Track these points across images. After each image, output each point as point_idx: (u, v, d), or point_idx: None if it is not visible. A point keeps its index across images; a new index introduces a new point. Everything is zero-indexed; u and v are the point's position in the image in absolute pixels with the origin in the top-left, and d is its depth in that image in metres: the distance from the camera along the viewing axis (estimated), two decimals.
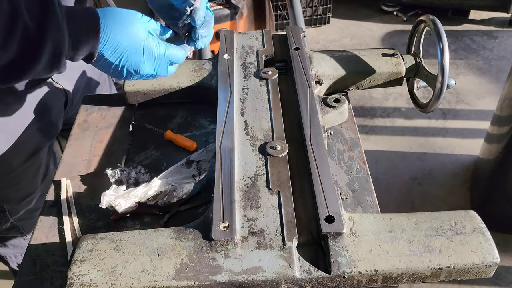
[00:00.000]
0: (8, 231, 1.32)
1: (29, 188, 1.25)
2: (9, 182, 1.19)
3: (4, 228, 1.29)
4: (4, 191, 1.21)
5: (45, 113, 1.18)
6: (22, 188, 1.24)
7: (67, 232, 0.91)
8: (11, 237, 1.40)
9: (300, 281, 0.72)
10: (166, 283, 0.70)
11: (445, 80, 0.98)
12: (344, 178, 0.97)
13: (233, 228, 0.75)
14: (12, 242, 1.43)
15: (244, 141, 0.93)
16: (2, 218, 1.26)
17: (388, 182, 2.47)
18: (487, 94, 2.97)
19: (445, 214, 0.77)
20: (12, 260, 1.50)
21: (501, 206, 2.13)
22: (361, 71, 1.11)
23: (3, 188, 1.20)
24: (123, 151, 1.07)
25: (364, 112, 2.90)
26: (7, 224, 1.28)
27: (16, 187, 1.22)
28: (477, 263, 0.71)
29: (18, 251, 1.45)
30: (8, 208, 1.25)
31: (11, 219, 1.27)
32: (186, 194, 0.93)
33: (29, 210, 1.28)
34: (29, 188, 1.25)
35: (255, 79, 1.07)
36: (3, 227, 1.29)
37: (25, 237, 1.39)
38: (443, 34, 0.98)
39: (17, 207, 1.26)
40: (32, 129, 1.15)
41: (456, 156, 2.59)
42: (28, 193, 1.26)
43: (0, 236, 1.39)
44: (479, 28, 3.58)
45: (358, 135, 1.06)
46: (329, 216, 0.75)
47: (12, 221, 1.28)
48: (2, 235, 1.38)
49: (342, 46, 3.44)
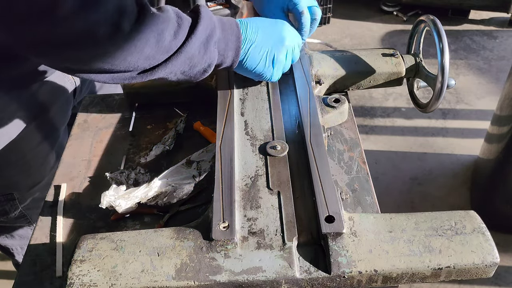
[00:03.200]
0: (16, 220, 1.32)
1: (38, 175, 1.26)
2: (20, 168, 1.20)
3: (13, 216, 1.29)
4: (16, 178, 1.21)
5: (56, 100, 1.20)
6: (31, 175, 1.24)
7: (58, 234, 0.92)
8: (18, 227, 1.41)
9: (300, 281, 0.72)
10: (166, 283, 0.70)
11: (445, 80, 0.98)
12: (344, 178, 0.97)
13: (233, 228, 0.75)
14: (20, 233, 1.43)
15: (244, 141, 0.93)
16: (12, 206, 1.26)
17: (388, 182, 2.47)
18: (487, 94, 2.97)
19: (445, 214, 0.77)
20: (18, 252, 1.50)
21: (501, 206, 2.13)
22: (361, 71, 1.11)
23: (15, 175, 1.20)
24: (123, 151, 1.07)
25: (364, 112, 2.90)
26: (16, 212, 1.28)
27: (27, 173, 1.23)
28: (477, 263, 0.71)
29: (25, 242, 1.45)
30: (17, 196, 1.25)
31: (20, 207, 1.28)
32: (186, 194, 0.93)
33: (36, 198, 1.29)
34: (38, 175, 1.26)
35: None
36: (12, 216, 1.29)
37: (31, 227, 1.39)
38: (443, 34, 0.98)
39: (25, 195, 1.27)
40: (43, 116, 1.17)
41: (456, 156, 2.59)
42: (37, 180, 1.26)
43: (8, 226, 1.39)
44: (479, 28, 3.58)
45: (358, 135, 1.06)
46: (329, 216, 0.75)
47: (21, 210, 1.28)
48: (10, 225, 1.38)
49: (342, 46, 3.44)
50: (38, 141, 1.20)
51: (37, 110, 1.16)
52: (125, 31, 0.72)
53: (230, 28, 0.89)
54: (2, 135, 1.10)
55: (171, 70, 0.82)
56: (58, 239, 0.91)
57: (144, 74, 0.80)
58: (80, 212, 0.95)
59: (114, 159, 1.06)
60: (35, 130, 1.17)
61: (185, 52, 0.81)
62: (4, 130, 1.10)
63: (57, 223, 0.93)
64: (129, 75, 0.79)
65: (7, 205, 1.25)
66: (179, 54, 0.80)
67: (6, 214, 1.27)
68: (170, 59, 0.80)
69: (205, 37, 0.83)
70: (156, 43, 0.76)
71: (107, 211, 0.92)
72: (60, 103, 1.23)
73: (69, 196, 0.99)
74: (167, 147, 1.05)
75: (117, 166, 1.03)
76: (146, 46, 0.75)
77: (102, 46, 0.72)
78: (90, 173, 1.03)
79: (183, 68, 0.84)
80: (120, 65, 0.76)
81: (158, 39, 0.76)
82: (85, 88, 1.34)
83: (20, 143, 1.14)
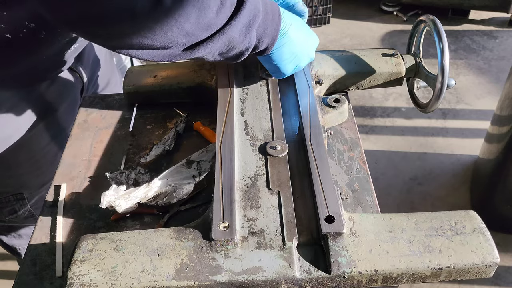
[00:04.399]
0: (24, 220, 1.32)
1: (48, 174, 1.25)
2: (31, 167, 1.20)
3: (22, 216, 1.29)
4: (26, 177, 1.21)
5: (64, 100, 1.20)
6: (42, 174, 1.24)
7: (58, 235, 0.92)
8: (25, 226, 1.40)
9: (300, 281, 0.72)
10: (166, 283, 0.70)
11: (445, 80, 0.98)
12: (344, 178, 0.97)
13: (233, 228, 0.75)
14: (27, 232, 1.43)
15: (244, 141, 0.93)
16: (22, 205, 1.26)
17: (388, 182, 2.47)
18: (487, 94, 2.97)
19: (445, 214, 0.77)
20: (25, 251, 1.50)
21: (501, 206, 2.13)
22: (361, 71, 1.11)
23: (25, 174, 1.20)
24: (123, 151, 1.07)
25: (364, 112, 2.90)
26: (25, 211, 1.28)
27: (37, 172, 1.22)
28: (477, 263, 0.71)
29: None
30: (27, 195, 1.25)
31: (28, 206, 1.27)
32: (186, 194, 0.93)
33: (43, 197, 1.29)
34: (48, 174, 1.25)
35: (255, 79, 1.07)
36: (21, 215, 1.29)
37: None
38: (443, 34, 0.98)
39: (34, 194, 1.27)
40: (51, 115, 1.17)
41: (456, 156, 2.59)
42: (47, 179, 1.26)
43: (16, 226, 1.38)
44: (479, 28, 3.58)
45: (358, 135, 1.06)
46: (329, 216, 0.75)
47: (30, 209, 1.28)
48: (18, 225, 1.37)
49: (342, 46, 3.44)
50: (47, 141, 1.20)
51: (46, 110, 1.16)
52: (166, 5, 0.70)
53: (272, 13, 0.87)
54: (12, 135, 1.10)
55: (210, 50, 0.80)
56: (58, 239, 0.91)
57: (184, 52, 0.78)
58: (80, 212, 0.95)
59: (114, 159, 1.06)
60: (44, 129, 1.17)
61: (227, 33, 0.78)
62: (13, 130, 1.10)
63: (57, 223, 0.93)
64: (168, 52, 0.77)
65: (16, 204, 1.25)
66: (220, 35, 0.78)
67: (15, 213, 1.27)
68: (211, 38, 0.78)
69: (248, 21, 0.81)
70: (197, 19, 0.73)
71: (107, 211, 0.92)
72: (68, 102, 1.23)
73: (69, 196, 0.99)
74: (167, 147, 1.05)
75: (117, 166, 1.03)
76: (186, 22, 0.73)
77: (143, 20, 0.70)
78: (90, 173, 1.03)
79: (221, 49, 0.82)
80: (160, 41, 0.73)
81: (199, 15, 0.73)
82: (91, 87, 1.34)
83: (30, 143, 1.15)
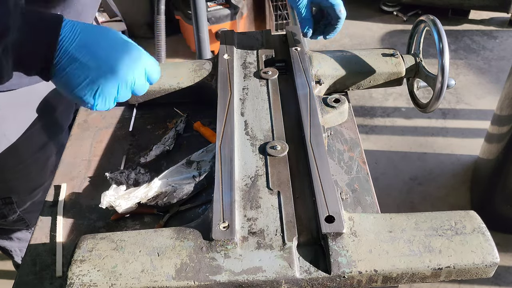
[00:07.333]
0: (14, 223, 1.32)
1: (38, 179, 1.25)
2: (19, 173, 1.19)
3: (11, 220, 1.29)
4: (14, 182, 1.21)
5: (56, 105, 1.19)
6: (31, 180, 1.24)
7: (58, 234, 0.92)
8: (16, 230, 1.41)
9: (300, 281, 0.72)
10: (166, 283, 0.70)
11: (445, 80, 0.98)
12: (344, 178, 0.97)
13: (233, 228, 0.75)
14: (18, 235, 1.43)
15: (244, 141, 0.93)
16: (10, 210, 1.26)
17: (388, 182, 2.46)
18: (487, 94, 2.97)
19: (445, 214, 0.77)
20: (17, 253, 1.50)
21: (501, 206, 2.13)
22: (361, 71, 1.11)
23: (13, 179, 1.20)
24: (123, 151, 1.07)
25: (364, 112, 2.90)
26: (14, 216, 1.28)
27: (26, 178, 1.22)
28: (477, 263, 0.71)
29: (23, 244, 1.46)
30: (16, 200, 1.25)
31: (18, 211, 1.27)
32: (186, 194, 0.93)
33: (36, 202, 1.29)
34: (38, 180, 1.25)
35: (255, 79, 1.07)
36: (10, 219, 1.29)
37: (30, 230, 1.39)
38: (443, 34, 0.98)
39: (24, 199, 1.27)
40: (43, 120, 1.16)
41: (456, 156, 2.59)
42: (37, 185, 1.26)
43: (6, 228, 1.39)
44: (479, 28, 3.58)
45: (358, 135, 1.06)
46: (329, 216, 0.75)
47: (19, 213, 1.28)
48: (9, 228, 1.38)
49: (342, 46, 3.44)
50: (40, 145, 1.19)
51: (43, 110, 1.15)
52: None
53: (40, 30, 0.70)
54: (2, 137, 1.09)
55: None
56: (58, 239, 0.91)
57: None
58: (80, 212, 0.95)
59: (114, 159, 1.06)
60: (39, 131, 1.16)
61: None
62: (5, 131, 1.09)
63: (57, 223, 0.93)
64: None
65: (5, 209, 1.25)
66: None
67: (4, 217, 1.27)
68: None
69: None
70: None
71: (107, 211, 0.92)
72: (66, 103, 1.22)
73: (69, 196, 0.99)
74: (167, 147, 1.05)
75: (117, 166, 1.03)
76: None
77: None
78: (90, 173, 1.03)
79: None
80: None
81: None
82: None
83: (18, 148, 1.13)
